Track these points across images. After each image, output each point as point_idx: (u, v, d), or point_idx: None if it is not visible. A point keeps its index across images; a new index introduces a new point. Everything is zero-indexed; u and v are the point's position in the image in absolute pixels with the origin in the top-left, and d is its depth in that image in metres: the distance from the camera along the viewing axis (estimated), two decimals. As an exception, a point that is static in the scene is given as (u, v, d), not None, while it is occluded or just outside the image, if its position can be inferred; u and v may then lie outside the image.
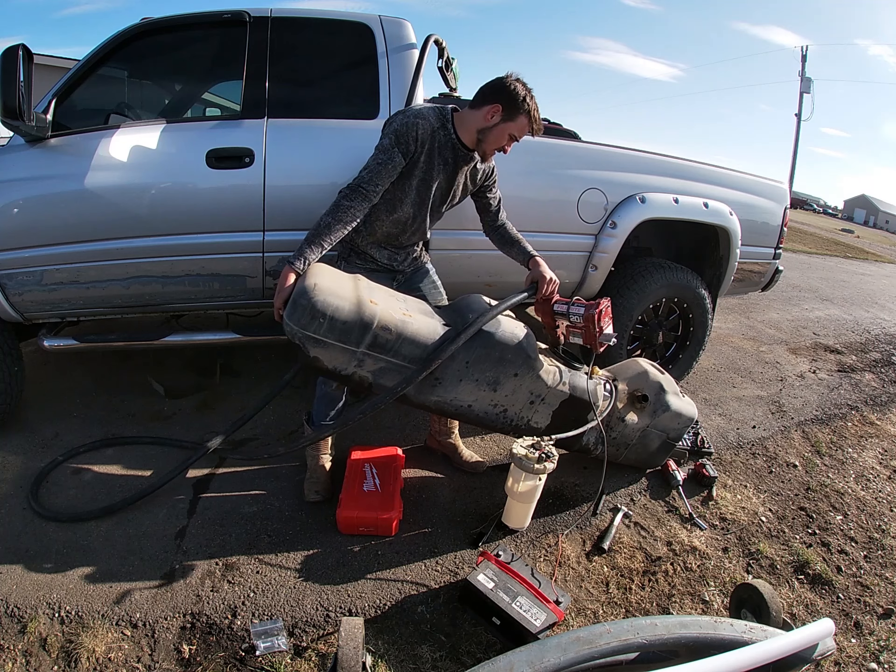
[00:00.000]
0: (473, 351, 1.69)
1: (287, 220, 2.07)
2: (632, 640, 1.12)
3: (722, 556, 1.94)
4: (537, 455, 1.71)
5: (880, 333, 4.88)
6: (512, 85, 1.72)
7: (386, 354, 1.61)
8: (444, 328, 1.69)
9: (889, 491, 2.46)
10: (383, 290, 1.73)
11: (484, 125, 1.73)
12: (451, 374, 1.70)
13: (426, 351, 1.63)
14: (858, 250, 14.94)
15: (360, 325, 1.55)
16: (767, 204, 2.95)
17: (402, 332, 1.60)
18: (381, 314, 1.57)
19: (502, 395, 1.79)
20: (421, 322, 1.65)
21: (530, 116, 1.74)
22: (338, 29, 2.18)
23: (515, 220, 2.25)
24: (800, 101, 21.54)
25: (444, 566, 1.74)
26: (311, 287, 1.53)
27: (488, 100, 1.73)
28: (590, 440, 2.04)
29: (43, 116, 1.82)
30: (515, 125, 1.74)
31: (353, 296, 1.58)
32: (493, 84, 1.75)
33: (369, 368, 1.64)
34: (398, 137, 1.69)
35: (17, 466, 2.01)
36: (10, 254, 1.92)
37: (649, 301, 2.64)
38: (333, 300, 1.53)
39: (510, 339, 1.72)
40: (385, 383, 1.65)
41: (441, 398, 1.74)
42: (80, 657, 1.37)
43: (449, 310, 1.83)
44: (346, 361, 1.61)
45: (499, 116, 1.72)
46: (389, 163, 1.69)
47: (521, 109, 1.72)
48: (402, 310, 1.65)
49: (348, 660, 1.15)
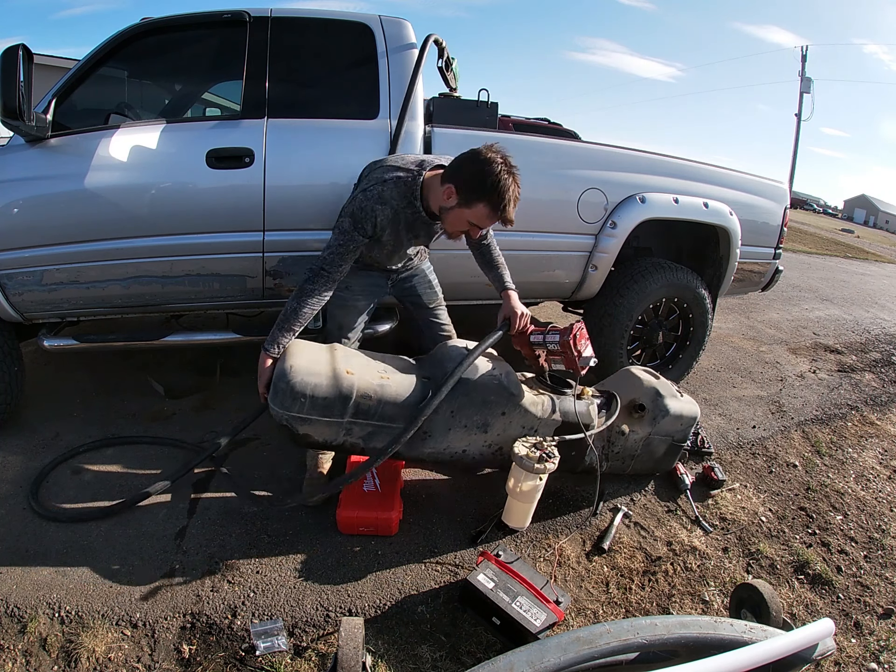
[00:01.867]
0: (456, 400, 1.71)
1: (287, 220, 2.07)
2: (632, 640, 1.12)
3: (722, 556, 1.94)
4: (538, 455, 1.71)
5: (880, 333, 4.88)
6: (477, 164, 1.46)
7: (371, 419, 1.66)
8: (423, 382, 1.72)
9: (889, 491, 2.46)
10: (359, 355, 1.78)
11: (441, 204, 1.57)
12: (438, 425, 1.74)
13: (410, 409, 1.65)
14: (858, 250, 14.94)
15: (341, 397, 1.60)
16: (767, 204, 2.95)
17: (382, 397, 1.64)
18: (358, 383, 1.62)
19: (494, 435, 1.82)
20: (399, 381, 1.69)
21: (493, 206, 1.48)
22: (338, 29, 2.18)
23: (515, 220, 2.25)
24: (800, 101, 21.54)
25: (444, 566, 1.74)
26: (288, 370, 1.58)
27: (448, 177, 1.53)
28: (593, 459, 2.03)
29: (43, 116, 1.82)
30: (472, 212, 1.52)
31: (330, 370, 1.62)
32: (460, 158, 1.53)
33: (358, 435, 1.69)
34: (355, 223, 1.59)
35: (17, 466, 2.01)
36: (10, 254, 1.92)
37: (649, 301, 2.64)
38: (311, 379, 1.57)
39: (489, 381, 1.75)
40: (376, 445, 1.69)
41: (434, 449, 1.77)
42: (80, 657, 1.37)
43: (428, 361, 1.86)
44: (334, 433, 1.66)
45: (454, 199, 1.51)
46: (350, 243, 1.62)
47: (479, 196, 1.47)
48: (380, 372, 1.70)
49: (348, 660, 1.15)
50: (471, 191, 1.48)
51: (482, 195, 1.48)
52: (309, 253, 2.13)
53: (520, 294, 1.92)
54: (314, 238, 2.12)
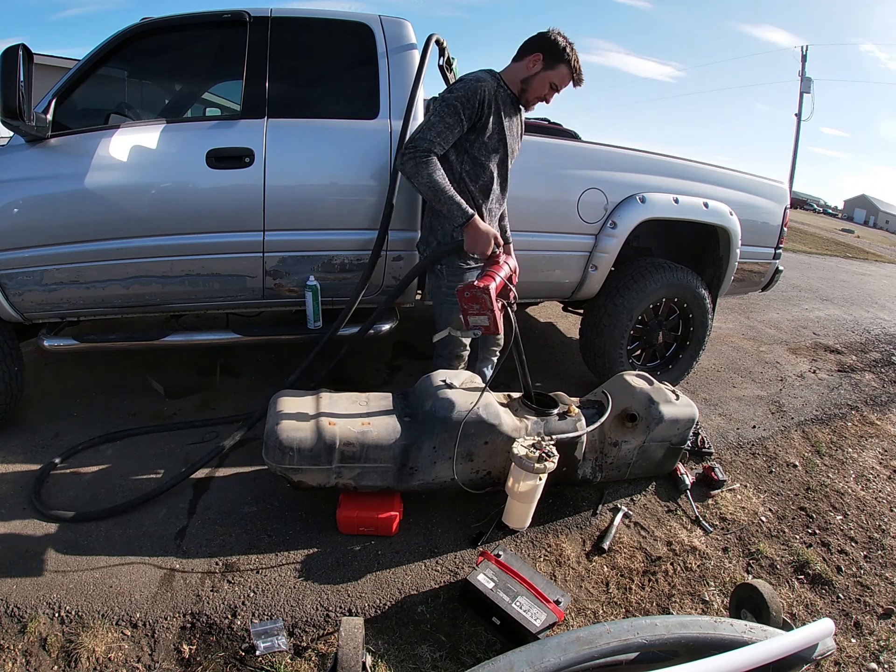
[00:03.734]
0: (437, 436, 1.78)
1: (287, 220, 2.07)
2: (632, 640, 1.12)
3: (722, 556, 1.94)
4: (538, 454, 1.71)
5: (880, 333, 4.88)
6: (553, 36, 1.81)
7: (357, 462, 1.75)
8: (404, 423, 1.80)
9: (889, 491, 2.46)
10: (343, 401, 1.88)
11: (526, 74, 1.83)
12: (423, 461, 1.80)
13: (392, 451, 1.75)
14: (858, 250, 14.94)
15: (326, 448, 1.70)
16: (767, 204, 2.95)
17: (364, 443, 1.73)
18: (340, 433, 1.72)
19: (480, 462, 1.86)
20: (380, 427, 1.78)
21: (570, 66, 1.82)
22: (338, 29, 2.18)
23: (515, 221, 2.25)
24: (800, 101, 21.55)
25: (444, 566, 1.74)
26: (274, 428, 1.71)
27: (529, 50, 1.82)
28: (586, 472, 2.05)
29: (43, 116, 1.82)
30: (556, 73, 1.82)
31: (313, 423, 1.74)
32: (535, 36, 1.84)
33: (349, 476, 1.77)
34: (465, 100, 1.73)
35: (17, 466, 2.01)
36: (10, 254, 1.92)
37: (649, 301, 2.64)
38: (296, 434, 1.70)
39: (468, 415, 1.78)
40: (367, 483, 1.80)
41: (423, 481, 1.84)
42: (80, 657, 1.37)
43: (412, 395, 1.93)
44: (326, 478, 1.76)
45: (539, 65, 1.81)
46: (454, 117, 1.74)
47: (560, 58, 1.80)
48: (362, 418, 1.80)
49: (348, 660, 1.15)
50: (553, 56, 1.80)
51: (563, 58, 1.81)
52: (309, 253, 2.14)
53: (520, 294, 1.92)
54: (314, 238, 2.12)
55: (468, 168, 1.85)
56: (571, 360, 3.28)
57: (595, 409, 2.07)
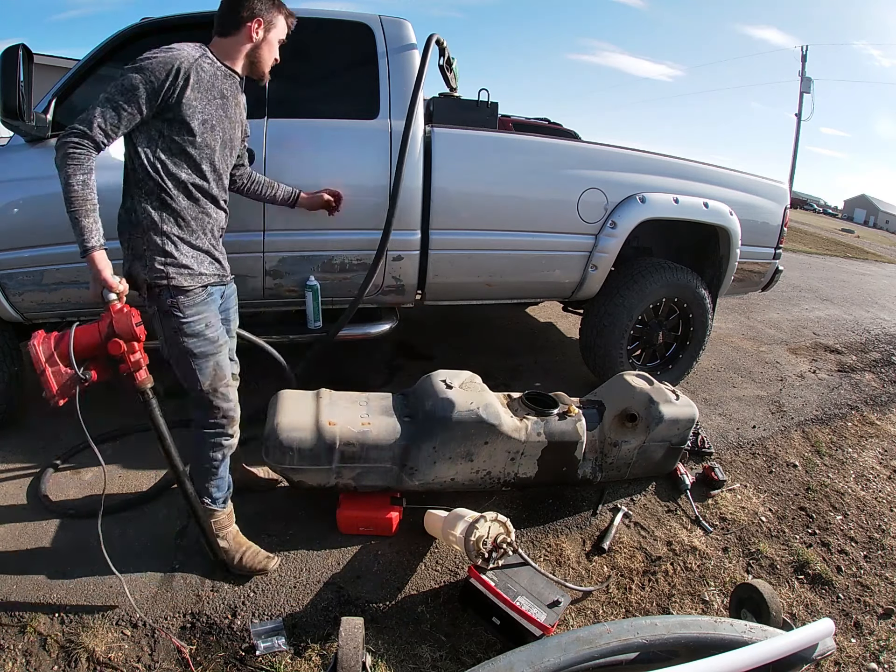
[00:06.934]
0: (436, 437, 1.78)
1: (287, 220, 2.07)
2: (632, 640, 1.12)
3: (722, 556, 1.94)
4: (489, 549, 1.53)
5: (880, 333, 4.88)
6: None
7: (357, 462, 1.76)
8: (404, 423, 1.81)
9: (889, 491, 2.46)
10: (343, 401, 1.88)
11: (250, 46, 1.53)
12: (423, 460, 1.80)
13: (393, 451, 1.76)
14: (858, 250, 14.94)
15: (326, 448, 1.70)
16: (767, 204, 2.95)
17: (365, 442, 1.74)
18: (340, 433, 1.72)
19: (480, 462, 1.87)
20: (380, 427, 1.78)
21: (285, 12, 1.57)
22: (338, 29, 2.18)
23: (516, 220, 2.24)
24: (800, 101, 21.55)
25: (444, 566, 1.74)
26: (275, 427, 1.71)
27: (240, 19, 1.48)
28: (586, 472, 2.05)
29: (43, 116, 1.82)
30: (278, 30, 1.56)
31: (313, 423, 1.74)
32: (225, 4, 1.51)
33: (349, 476, 1.78)
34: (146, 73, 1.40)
35: (17, 466, 2.01)
36: (10, 254, 1.92)
37: (649, 301, 2.64)
38: (296, 434, 1.70)
39: (467, 416, 1.79)
40: (367, 483, 1.81)
41: (423, 481, 1.84)
42: (80, 657, 1.37)
43: (412, 395, 1.93)
44: (326, 478, 1.77)
45: (262, 28, 1.51)
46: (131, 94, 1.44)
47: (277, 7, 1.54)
48: (362, 418, 1.80)
49: (348, 660, 1.15)
50: (269, 9, 1.52)
51: (278, 7, 1.55)
52: (309, 253, 2.13)
53: (520, 294, 1.91)
54: (314, 238, 2.12)
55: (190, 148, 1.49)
56: (571, 360, 3.27)
57: (594, 409, 2.07)
